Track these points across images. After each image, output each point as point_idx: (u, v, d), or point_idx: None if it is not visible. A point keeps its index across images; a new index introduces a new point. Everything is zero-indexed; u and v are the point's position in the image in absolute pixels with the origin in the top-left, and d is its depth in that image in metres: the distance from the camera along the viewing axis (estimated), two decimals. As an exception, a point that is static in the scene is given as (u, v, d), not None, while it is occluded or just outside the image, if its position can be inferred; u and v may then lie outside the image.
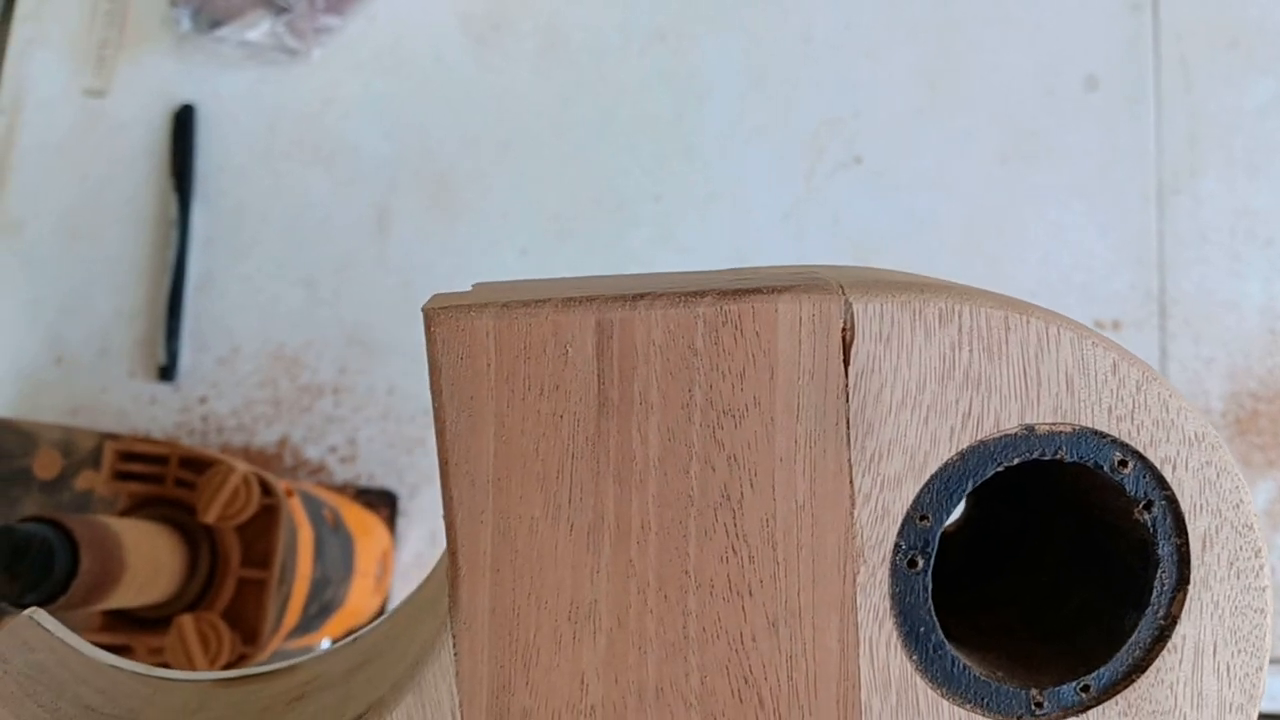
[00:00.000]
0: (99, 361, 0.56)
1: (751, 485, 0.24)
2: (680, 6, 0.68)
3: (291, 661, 0.30)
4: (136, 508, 0.46)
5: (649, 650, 0.24)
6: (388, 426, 0.61)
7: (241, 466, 0.48)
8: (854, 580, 0.25)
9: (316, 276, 0.59)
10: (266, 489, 0.49)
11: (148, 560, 0.40)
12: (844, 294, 0.24)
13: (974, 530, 0.34)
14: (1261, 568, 0.26)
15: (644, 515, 0.24)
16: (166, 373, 0.53)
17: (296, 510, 0.51)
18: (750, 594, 0.24)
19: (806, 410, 0.24)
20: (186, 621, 0.46)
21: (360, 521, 0.62)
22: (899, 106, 0.66)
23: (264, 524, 0.49)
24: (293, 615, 0.52)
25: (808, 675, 0.25)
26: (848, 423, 0.24)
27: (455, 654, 0.24)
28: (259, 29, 0.55)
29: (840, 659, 0.25)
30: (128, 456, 0.45)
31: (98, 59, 0.57)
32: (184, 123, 0.57)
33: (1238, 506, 0.26)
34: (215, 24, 0.56)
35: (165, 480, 0.46)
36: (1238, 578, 0.26)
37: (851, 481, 0.24)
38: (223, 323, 0.58)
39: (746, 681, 0.25)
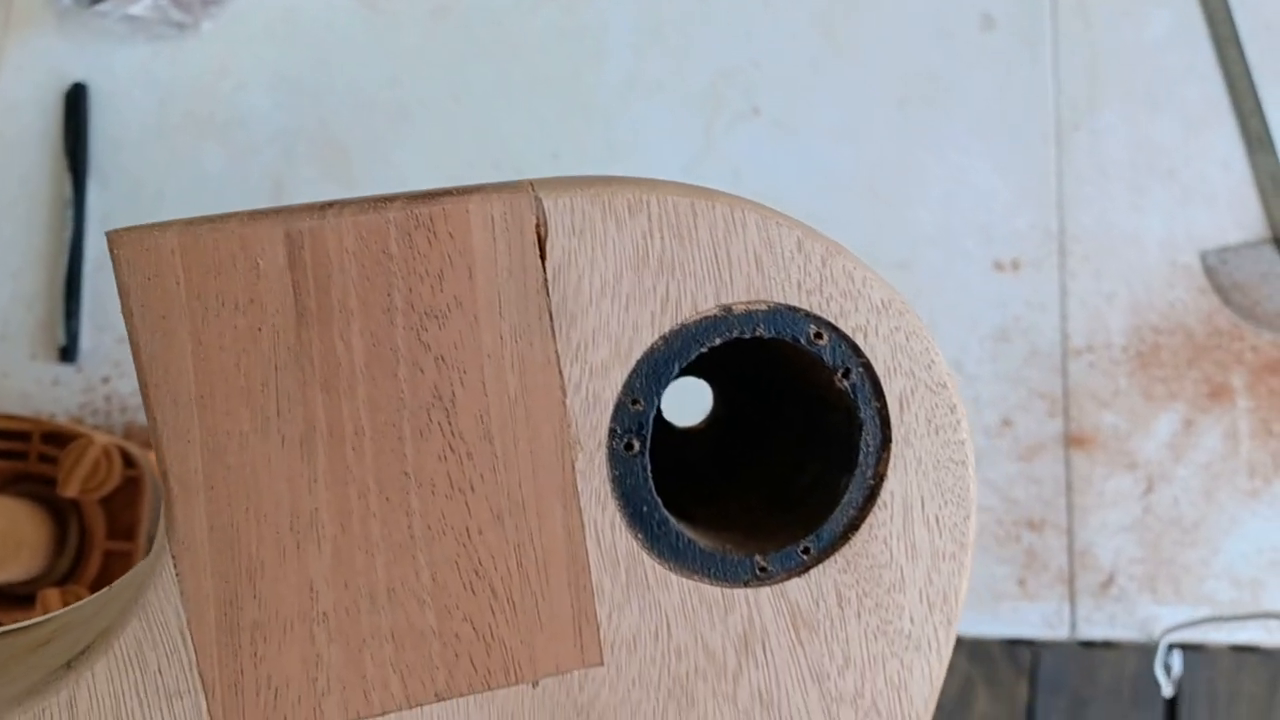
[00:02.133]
0: (1, 345, 0.55)
1: (462, 383, 0.25)
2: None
3: (48, 615, 0.29)
4: (3, 485, 0.45)
5: (376, 553, 0.25)
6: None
7: (102, 439, 0.47)
8: (573, 467, 0.26)
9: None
10: (129, 461, 0.48)
11: (4, 535, 0.39)
12: (534, 191, 0.24)
13: (722, 426, 0.35)
14: (959, 423, 0.28)
15: (356, 421, 0.24)
16: (67, 354, 0.52)
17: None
18: (472, 489, 0.25)
19: (509, 307, 0.25)
20: (52, 595, 0.45)
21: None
22: (796, 55, 0.67)
23: (129, 496, 0.47)
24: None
25: (537, 562, 0.26)
26: (550, 315, 0.25)
27: (177, 574, 0.24)
28: (141, 3, 0.54)
29: (567, 544, 0.26)
30: None
31: None
32: (75, 102, 0.56)
33: (929, 367, 0.28)
34: (94, 0, 0.54)
35: (29, 456, 0.45)
36: (937, 434, 0.28)
37: (560, 372, 0.25)
38: (121, 301, 0.57)
39: (477, 574, 0.26)
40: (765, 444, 0.33)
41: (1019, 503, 0.50)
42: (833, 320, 0.27)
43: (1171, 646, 0.51)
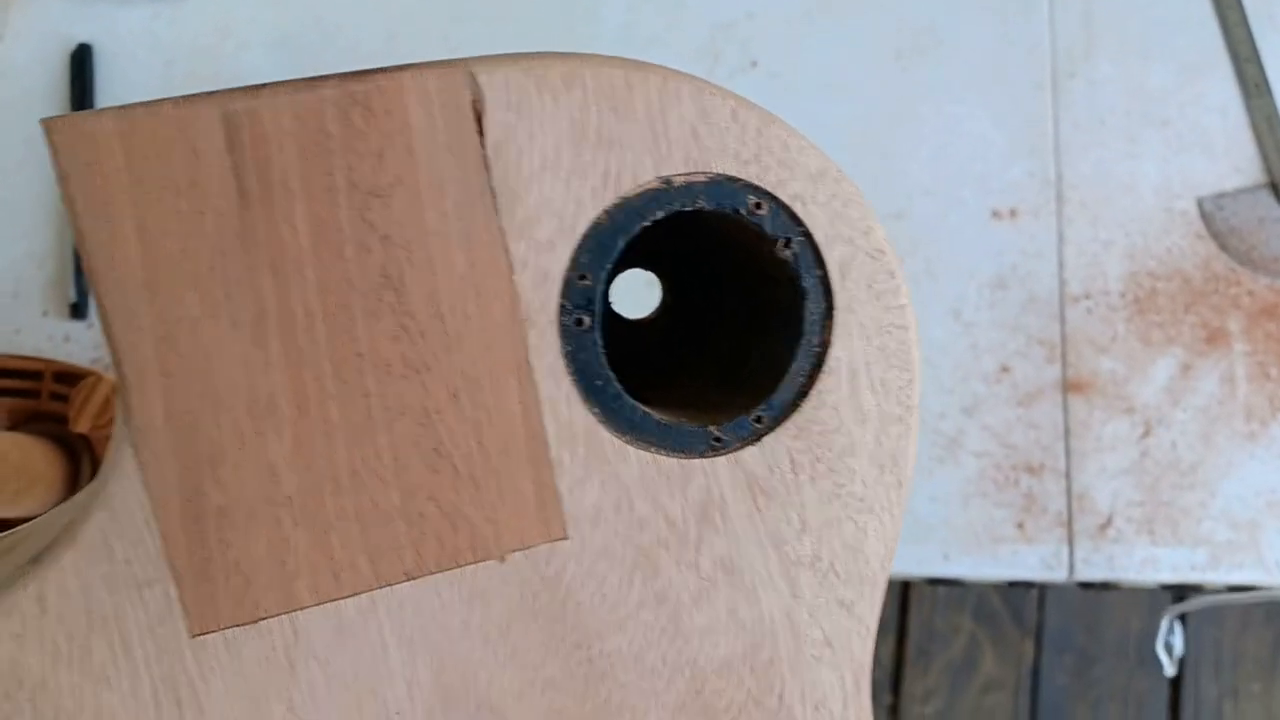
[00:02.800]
0: (12, 303, 0.56)
1: (410, 262, 0.25)
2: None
3: (13, 531, 0.29)
4: (17, 424, 0.45)
5: (335, 435, 0.25)
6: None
7: (111, 377, 0.46)
8: (525, 344, 0.26)
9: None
10: None
11: (18, 470, 0.39)
12: (468, 67, 0.25)
13: (671, 315, 0.36)
14: (899, 288, 0.29)
15: (306, 303, 0.25)
16: (78, 310, 0.53)
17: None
18: (427, 368, 0.26)
19: (451, 184, 0.25)
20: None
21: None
22: (791, 7, 0.67)
23: (140, 433, 0.46)
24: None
25: (496, 439, 0.26)
26: (493, 192, 0.25)
27: (138, 462, 0.24)
28: None
29: (524, 419, 0.27)
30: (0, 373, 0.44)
31: None
32: (81, 62, 0.57)
33: (868, 234, 0.28)
34: None
35: (41, 395, 0.45)
36: (878, 299, 0.29)
37: (506, 249, 0.26)
38: (130, 258, 0.58)
39: (438, 452, 0.26)
40: (713, 329, 0.34)
41: (1018, 448, 0.51)
42: (770, 190, 0.27)
43: (1173, 621, 0.52)
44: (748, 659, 0.30)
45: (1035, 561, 0.50)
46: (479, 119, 0.25)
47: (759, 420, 0.29)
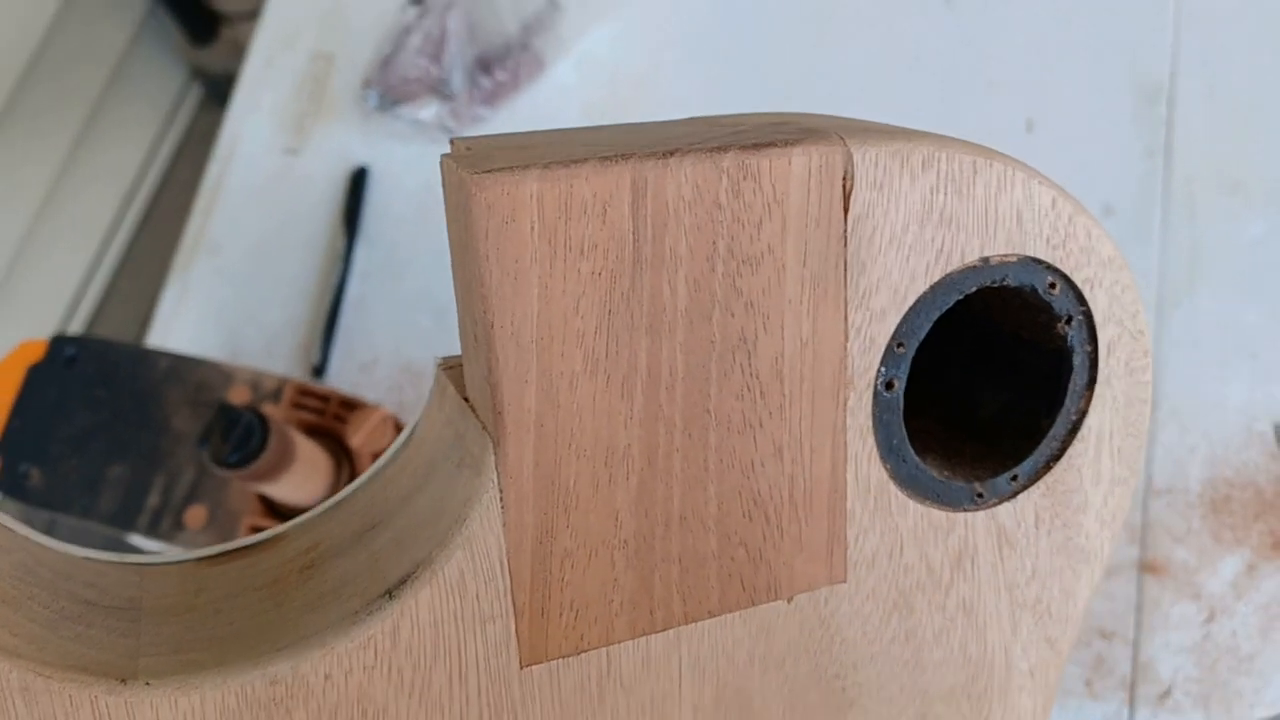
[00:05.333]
0: (265, 358, 0.66)
1: (765, 327, 0.26)
2: None
3: (272, 532, 0.29)
4: (308, 433, 0.55)
5: (674, 484, 0.26)
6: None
7: (384, 410, 0.57)
8: (845, 405, 0.28)
9: (446, 308, 0.66)
10: (399, 430, 0.55)
11: (307, 461, 0.49)
12: (845, 144, 0.25)
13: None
14: (1148, 365, 0.31)
15: (673, 363, 0.25)
16: (318, 371, 0.64)
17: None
18: (761, 425, 0.27)
19: (812, 255, 0.26)
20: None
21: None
22: None
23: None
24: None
25: (805, 491, 0.28)
26: (845, 264, 0.26)
27: (502, 505, 0.25)
28: (429, 111, 0.68)
29: (831, 474, 0.28)
30: (302, 393, 0.56)
31: (297, 124, 0.71)
32: (358, 181, 0.69)
33: (1135, 316, 0.30)
34: (395, 104, 0.68)
35: (326, 414, 0.56)
36: (1131, 375, 0.31)
37: (846, 317, 0.27)
38: (367, 338, 0.67)
39: (755, 502, 0.27)
40: (937, 370, 0.36)
41: (1094, 613, 0.56)
42: (1069, 273, 0.29)
43: None
44: (967, 688, 0.32)
45: (1098, 717, 0.54)
46: (846, 195, 0.26)
47: (1014, 478, 0.31)
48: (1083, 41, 0.68)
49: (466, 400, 0.26)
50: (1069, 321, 0.30)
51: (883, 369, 0.28)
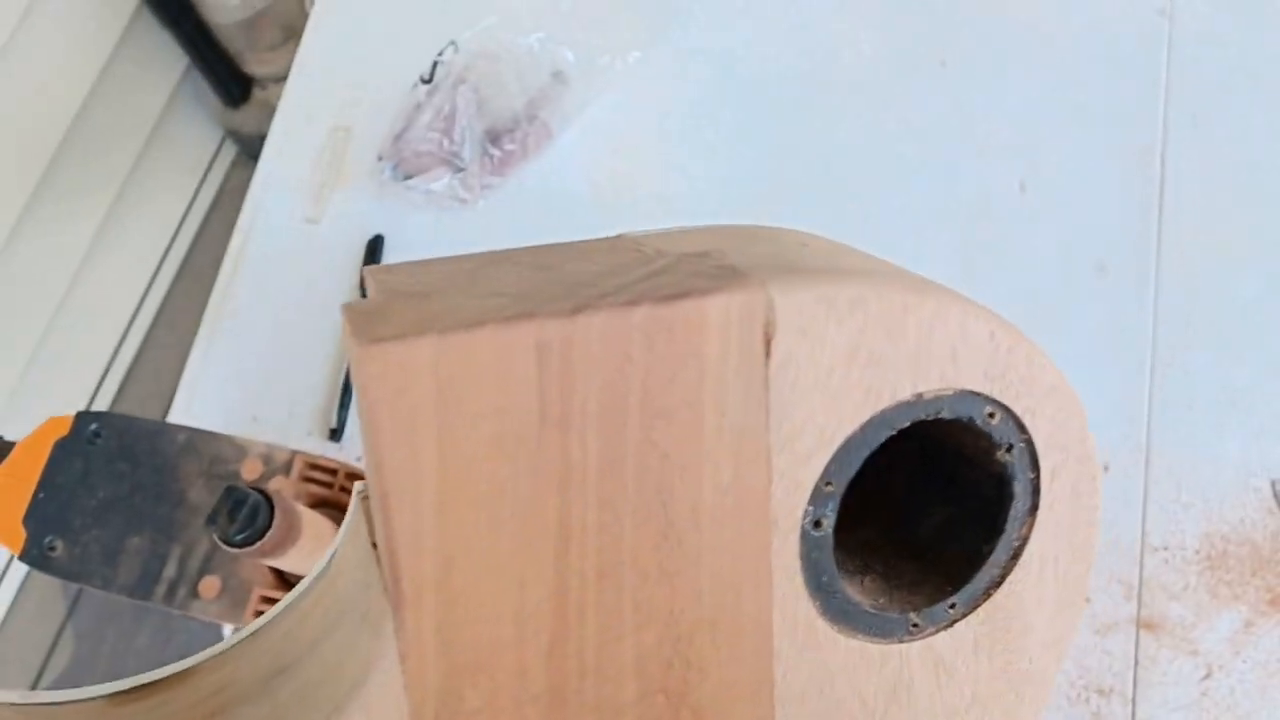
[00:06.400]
0: (286, 421, 0.67)
1: (681, 478, 0.25)
2: None
3: (186, 663, 0.28)
4: (315, 505, 0.55)
5: (589, 636, 0.25)
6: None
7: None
8: (769, 547, 0.27)
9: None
10: None
11: (313, 535, 0.50)
12: (767, 291, 0.24)
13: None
14: (1097, 490, 0.30)
15: (584, 518, 0.24)
16: (336, 434, 0.66)
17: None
18: (679, 573, 0.26)
19: (731, 404, 0.25)
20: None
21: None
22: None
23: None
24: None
25: (730, 633, 0.27)
26: (767, 411, 0.25)
27: (403, 670, 0.24)
28: (441, 182, 0.71)
29: (756, 614, 0.27)
30: (311, 466, 0.56)
31: (316, 195, 0.74)
32: (374, 249, 0.71)
33: (1082, 442, 0.29)
34: (408, 176, 0.71)
35: (334, 487, 0.56)
36: (1077, 499, 0.30)
37: (769, 462, 0.26)
38: (383, 403, 0.69)
39: (675, 649, 0.26)
40: (866, 483, 0.35)
41: (1091, 670, 0.56)
42: (1008, 403, 0.28)
43: None
44: (904, 813, 0.31)
45: (1095, 774, 0.54)
46: (768, 344, 0.25)
47: (953, 606, 0.30)
48: (1076, 102, 0.68)
49: (375, 546, 0.25)
50: (1009, 450, 0.29)
51: (810, 508, 0.27)
